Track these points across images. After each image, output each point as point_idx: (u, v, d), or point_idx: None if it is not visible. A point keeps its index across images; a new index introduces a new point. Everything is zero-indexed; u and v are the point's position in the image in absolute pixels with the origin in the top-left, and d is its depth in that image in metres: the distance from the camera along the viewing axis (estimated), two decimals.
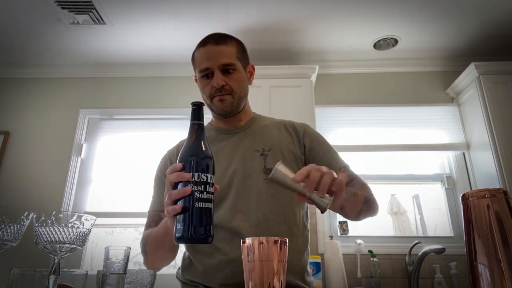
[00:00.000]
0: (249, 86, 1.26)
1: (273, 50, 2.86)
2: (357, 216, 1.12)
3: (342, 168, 1.19)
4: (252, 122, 1.27)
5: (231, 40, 1.20)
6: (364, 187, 1.16)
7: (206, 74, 1.16)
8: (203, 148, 0.81)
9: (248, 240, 0.66)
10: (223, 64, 1.15)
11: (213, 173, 0.80)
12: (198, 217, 0.75)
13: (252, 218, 1.08)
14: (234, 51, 1.19)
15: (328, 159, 1.18)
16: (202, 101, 1.09)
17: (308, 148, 1.21)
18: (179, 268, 1.24)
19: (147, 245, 1.12)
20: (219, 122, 1.27)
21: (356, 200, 1.08)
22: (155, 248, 1.10)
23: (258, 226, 1.07)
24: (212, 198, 0.78)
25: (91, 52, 2.93)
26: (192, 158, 0.79)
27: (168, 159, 1.24)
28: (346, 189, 0.97)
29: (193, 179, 0.78)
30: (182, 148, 0.82)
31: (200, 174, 0.78)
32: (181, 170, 0.79)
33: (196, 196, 0.76)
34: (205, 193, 0.77)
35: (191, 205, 0.76)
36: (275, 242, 0.65)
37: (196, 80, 1.26)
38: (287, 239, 0.68)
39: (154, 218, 1.15)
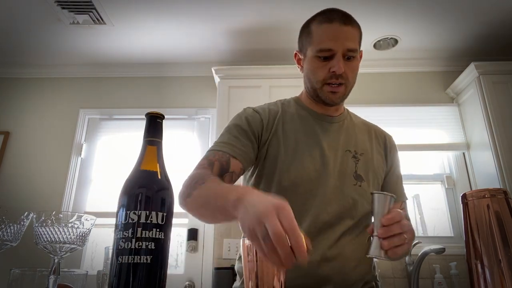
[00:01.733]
0: None
1: (273, 50, 2.86)
2: None
3: (400, 203, 1.16)
4: (344, 116, 1.19)
5: (355, 22, 1.09)
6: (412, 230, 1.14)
7: (324, 56, 1.03)
8: (157, 177, 0.60)
9: (248, 240, 0.65)
10: (348, 49, 1.03)
11: (166, 211, 0.58)
12: (118, 279, 0.52)
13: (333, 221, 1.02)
14: (357, 35, 1.08)
15: (394, 188, 1.16)
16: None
17: (389, 168, 1.17)
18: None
19: (202, 190, 0.87)
20: (313, 104, 1.16)
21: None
22: (203, 205, 0.87)
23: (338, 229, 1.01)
24: (155, 247, 0.55)
25: (91, 52, 2.93)
26: (138, 191, 0.57)
27: (259, 117, 1.09)
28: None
29: (120, 221, 0.57)
30: (129, 174, 0.62)
31: (129, 213, 0.56)
32: (125, 206, 0.58)
33: (121, 246, 0.55)
34: (134, 241, 0.53)
35: (112, 260, 0.55)
36: None
37: (297, 55, 1.16)
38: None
39: (222, 159, 0.99)
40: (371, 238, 0.77)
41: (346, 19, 1.05)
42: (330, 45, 1.02)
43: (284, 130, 1.10)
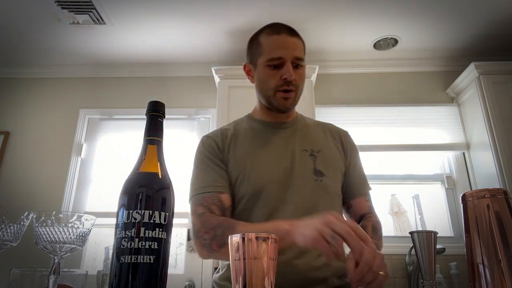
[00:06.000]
0: None
1: None
2: None
3: (365, 195, 1.19)
4: (297, 120, 1.24)
5: (299, 35, 1.17)
6: (381, 233, 1.13)
7: (275, 64, 1.10)
8: (158, 176, 0.60)
9: (235, 237, 0.61)
10: (296, 57, 1.10)
11: (168, 211, 0.58)
12: (119, 279, 0.52)
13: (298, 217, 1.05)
14: (303, 47, 1.16)
15: (357, 181, 1.19)
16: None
17: (348, 162, 1.21)
18: (216, 272, 1.15)
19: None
20: (265, 114, 1.21)
21: None
22: None
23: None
24: (157, 247, 0.55)
25: (91, 52, 2.93)
26: (139, 190, 0.57)
27: (214, 143, 1.15)
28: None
29: (121, 221, 0.56)
30: (130, 174, 0.63)
31: (131, 212, 0.55)
32: (126, 205, 0.59)
33: (123, 245, 0.54)
34: (137, 240, 0.53)
35: (113, 260, 0.55)
36: (265, 239, 0.60)
37: (246, 67, 1.22)
38: (274, 236, 0.63)
39: (215, 201, 1.05)
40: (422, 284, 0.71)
41: (292, 31, 1.14)
42: (280, 53, 1.09)
43: (238, 145, 1.15)
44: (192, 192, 1.09)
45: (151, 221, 0.55)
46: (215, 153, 1.13)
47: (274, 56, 1.10)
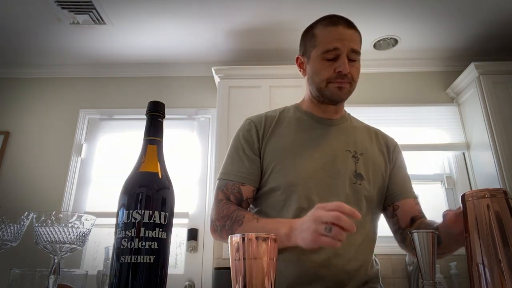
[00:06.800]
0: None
1: (273, 50, 2.86)
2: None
3: (414, 198, 1.21)
4: (344, 119, 1.21)
5: (357, 27, 1.12)
6: None
7: (330, 56, 1.06)
8: (158, 176, 0.60)
9: (235, 237, 0.61)
10: (352, 49, 1.06)
11: (168, 211, 0.59)
12: (119, 279, 0.53)
13: None
14: (360, 39, 1.11)
15: (401, 185, 1.18)
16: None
17: (392, 167, 1.18)
18: None
19: (239, 229, 0.98)
20: (313, 107, 1.17)
21: None
22: None
23: None
24: (157, 247, 0.55)
25: (91, 52, 2.93)
26: (139, 190, 0.58)
27: (254, 128, 1.14)
28: None
29: (121, 221, 0.57)
30: (130, 174, 0.64)
31: (131, 212, 0.56)
32: (126, 205, 0.59)
33: (123, 245, 0.55)
34: (137, 240, 0.54)
35: (113, 260, 0.55)
36: (265, 239, 0.61)
37: (299, 59, 1.19)
38: (274, 236, 0.63)
39: (234, 191, 1.07)
40: (422, 284, 0.70)
41: (349, 23, 1.11)
42: (335, 44, 1.05)
43: (280, 134, 1.13)
44: (219, 175, 1.12)
45: (151, 221, 0.56)
46: (252, 140, 1.12)
47: (330, 48, 1.05)
